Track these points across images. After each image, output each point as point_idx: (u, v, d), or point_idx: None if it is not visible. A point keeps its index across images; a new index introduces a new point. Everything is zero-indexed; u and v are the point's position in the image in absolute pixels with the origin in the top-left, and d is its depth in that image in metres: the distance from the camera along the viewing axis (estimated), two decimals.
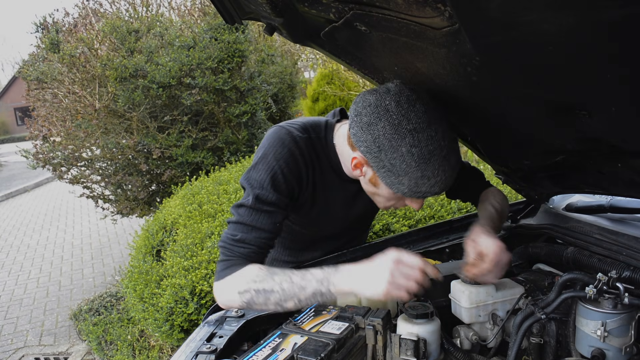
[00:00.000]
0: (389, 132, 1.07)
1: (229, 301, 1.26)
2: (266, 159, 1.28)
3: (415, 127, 1.06)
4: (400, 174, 1.10)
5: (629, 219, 1.42)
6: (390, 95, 1.10)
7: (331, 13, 0.95)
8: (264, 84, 5.83)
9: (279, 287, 1.18)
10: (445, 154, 1.09)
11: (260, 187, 1.26)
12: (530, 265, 1.56)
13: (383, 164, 1.11)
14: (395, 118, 1.07)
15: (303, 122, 1.37)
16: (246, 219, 1.26)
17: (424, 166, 1.08)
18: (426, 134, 1.07)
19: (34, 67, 5.65)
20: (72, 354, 3.98)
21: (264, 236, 1.27)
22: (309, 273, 1.18)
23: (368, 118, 1.10)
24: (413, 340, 1.13)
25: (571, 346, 1.14)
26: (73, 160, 5.25)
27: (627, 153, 1.01)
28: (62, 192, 9.40)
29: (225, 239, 1.27)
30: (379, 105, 1.10)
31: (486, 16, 0.69)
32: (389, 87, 1.13)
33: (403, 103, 1.08)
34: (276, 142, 1.29)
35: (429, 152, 1.07)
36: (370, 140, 1.10)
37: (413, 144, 1.06)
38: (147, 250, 3.39)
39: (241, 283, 1.21)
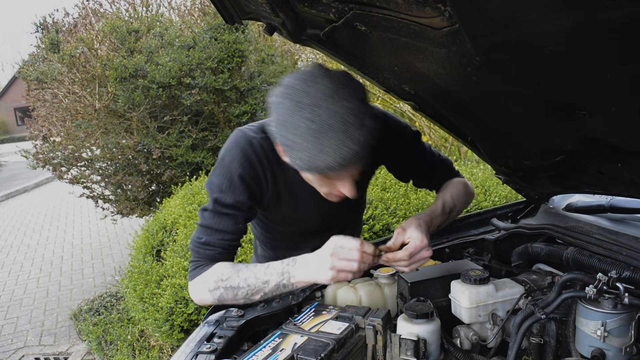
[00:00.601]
0: (291, 108, 1.06)
1: (202, 300, 1.33)
2: (223, 163, 1.32)
3: (315, 101, 1.04)
4: (298, 148, 1.07)
5: (629, 219, 1.42)
6: (299, 73, 1.11)
7: (331, 13, 0.95)
8: (264, 84, 5.83)
9: (245, 283, 1.26)
10: (349, 129, 1.05)
11: (219, 191, 1.31)
12: (530, 265, 1.56)
13: (286, 141, 1.10)
14: (298, 95, 1.06)
15: (261, 123, 1.38)
16: (209, 222, 1.32)
17: (322, 140, 1.04)
18: (326, 109, 1.04)
19: (34, 67, 5.65)
20: (72, 354, 3.98)
21: (227, 238, 1.33)
22: (270, 267, 1.25)
23: (276, 99, 1.11)
24: (413, 340, 1.13)
25: (571, 346, 1.14)
26: (73, 160, 5.25)
27: (627, 153, 1.02)
28: (62, 192, 9.39)
29: (193, 241, 1.34)
30: (287, 86, 1.10)
31: (486, 16, 0.69)
32: (301, 69, 1.14)
33: (308, 80, 1.08)
34: (232, 146, 1.33)
35: (328, 125, 1.04)
36: (276, 120, 1.10)
37: (311, 118, 1.04)
38: (147, 250, 3.39)
39: (210, 282, 1.29)
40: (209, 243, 1.32)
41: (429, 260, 1.60)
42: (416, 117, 5.98)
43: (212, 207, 1.32)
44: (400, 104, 6.06)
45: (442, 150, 5.68)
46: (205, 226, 1.33)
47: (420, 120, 5.85)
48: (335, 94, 1.06)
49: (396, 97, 1.42)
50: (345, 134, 1.05)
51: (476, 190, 3.09)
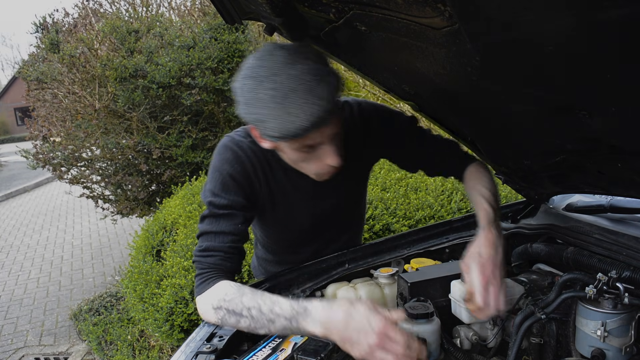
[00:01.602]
0: (250, 85, 1.07)
1: (207, 319, 1.24)
2: (214, 168, 1.32)
3: (272, 71, 1.05)
4: (266, 120, 1.07)
5: (629, 219, 1.42)
6: (256, 53, 1.12)
7: (331, 13, 0.95)
8: None
9: (248, 313, 1.14)
10: (309, 87, 1.05)
11: (213, 195, 1.29)
12: (530, 265, 1.56)
13: (254, 117, 1.10)
14: (255, 70, 1.07)
15: (245, 128, 1.38)
16: (207, 228, 1.28)
17: (285, 103, 1.04)
18: (285, 75, 1.04)
19: (34, 68, 5.65)
20: (72, 354, 3.98)
21: (228, 239, 1.28)
22: (277, 306, 1.10)
23: (237, 83, 1.12)
24: None
25: (571, 346, 1.14)
26: (73, 161, 5.25)
27: (627, 153, 1.01)
28: (62, 192, 9.39)
29: (194, 252, 1.29)
30: (245, 67, 1.11)
31: (486, 16, 0.69)
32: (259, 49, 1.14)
33: (263, 56, 1.09)
34: (221, 150, 1.33)
35: (290, 89, 1.04)
36: (242, 101, 1.11)
37: (271, 87, 1.04)
38: (147, 250, 3.39)
39: (214, 300, 1.20)
40: (209, 248, 1.27)
41: (428, 260, 1.60)
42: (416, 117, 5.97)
43: (208, 212, 1.30)
44: (400, 104, 6.05)
45: None
46: (205, 232, 1.29)
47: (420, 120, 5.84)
48: (290, 59, 1.06)
49: (396, 97, 1.42)
50: (307, 92, 1.05)
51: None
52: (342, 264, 1.56)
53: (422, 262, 1.58)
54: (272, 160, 1.36)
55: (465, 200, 3.04)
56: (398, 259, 1.62)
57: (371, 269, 1.53)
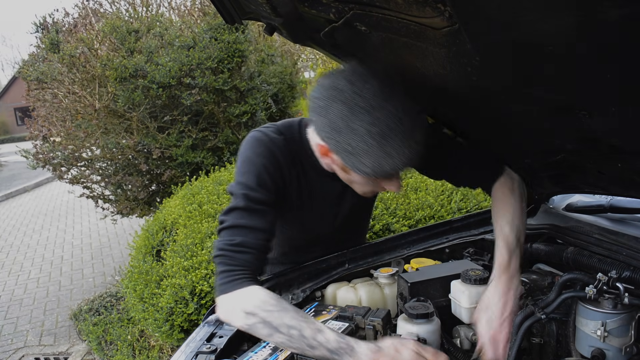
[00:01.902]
0: (344, 112, 1.04)
1: (231, 320, 1.17)
2: (248, 161, 1.28)
3: (371, 104, 1.03)
4: (360, 154, 1.06)
5: (629, 219, 1.42)
6: (343, 74, 1.08)
7: (331, 13, 0.95)
8: (264, 84, 5.83)
9: (287, 332, 1.07)
10: (407, 129, 1.05)
11: (249, 188, 1.24)
12: (530, 265, 1.56)
13: (342, 146, 1.07)
14: (349, 97, 1.04)
15: (277, 125, 1.36)
16: (241, 221, 1.21)
17: (385, 144, 1.04)
18: (384, 111, 1.03)
19: (34, 67, 5.64)
20: (72, 354, 3.98)
21: (262, 237, 1.22)
22: (321, 335, 1.05)
23: (323, 102, 1.08)
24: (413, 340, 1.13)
25: (571, 346, 1.14)
26: (73, 160, 5.25)
27: (627, 153, 1.01)
28: (62, 192, 9.40)
29: (223, 246, 1.19)
30: (332, 87, 1.07)
31: (486, 16, 0.69)
32: (342, 68, 1.11)
33: (355, 81, 1.05)
34: (254, 144, 1.30)
35: (389, 128, 1.03)
36: (327, 124, 1.07)
37: (371, 122, 1.02)
38: (147, 250, 3.39)
39: (249, 304, 1.12)
40: (244, 244, 1.18)
41: (428, 260, 1.60)
42: None
43: (243, 204, 1.22)
44: None
45: None
46: (237, 226, 1.20)
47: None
48: (387, 93, 1.05)
49: None
50: (406, 134, 1.05)
51: (476, 190, 3.09)
52: (342, 264, 1.56)
53: (422, 262, 1.58)
54: (305, 163, 1.35)
55: (465, 200, 3.04)
56: (398, 259, 1.62)
57: (371, 269, 1.53)
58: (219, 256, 1.19)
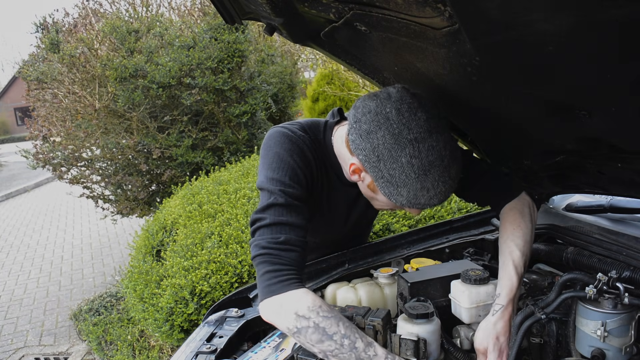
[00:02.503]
0: (389, 141, 1.04)
1: (278, 321, 1.11)
2: (279, 157, 1.23)
3: (416, 136, 1.03)
4: (399, 185, 1.06)
5: (629, 219, 1.42)
6: (391, 102, 1.07)
7: (331, 13, 0.95)
8: (264, 84, 5.83)
9: (340, 340, 1.05)
10: (447, 164, 1.06)
11: (284, 184, 1.19)
12: (530, 265, 1.56)
13: (382, 174, 1.07)
14: (396, 127, 1.04)
15: (301, 123, 1.34)
16: (282, 218, 1.15)
17: (424, 178, 1.05)
18: (427, 144, 1.04)
19: (34, 67, 5.64)
20: (72, 354, 3.98)
21: (303, 234, 1.17)
22: (372, 349, 1.06)
23: (368, 126, 1.07)
24: (413, 340, 1.13)
25: (571, 346, 1.14)
26: (73, 160, 5.25)
27: (627, 153, 1.02)
28: (62, 192, 9.39)
29: (267, 244, 1.13)
30: (379, 113, 1.06)
31: (486, 16, 0.69)
32: (390, 93, 1.09)
33: (404, 111, 1.05)
34: (284, 140, 1.25)
35: (430, 162, 1.04)
36: (369, 149, 1.07)
37: (413, 155, 1.03)
38: (147, 250, 3.39)
39: (302, 307, 1.08)
40: (289, 242, 1.13)
41: (428, 260, 1.60)
42: None
43: (282, 200, 1.16)
44: None
45: None
46: (280, 223, 1.15)
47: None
48: (432, 127, 1.05)
49: None
50: (445, 170, 1.06)
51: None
52: (342, 264, 1.56)
53: (422, 262, 1.58)
54: (328, 166, 1.34)
55: None
56: (398, 259, 1.62)
57: (371, 269, 1.53)
58: (263, 255, 1.13)
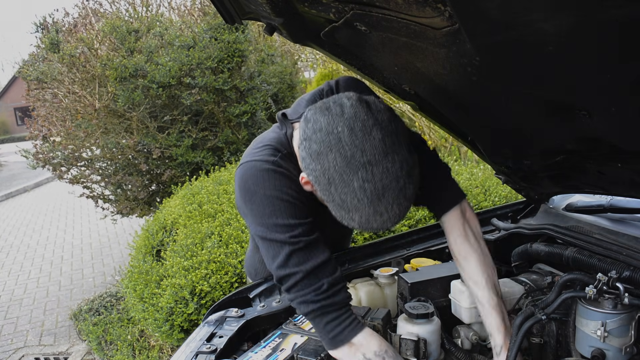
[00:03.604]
0: (340, 164, 0.97)
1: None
2: (269, 200, 1.14)
3: (369, 159, 0.96)
4: (350, 209, 0.99)
5: (629, 219, 1.42)
6: (344, 119, 0.98)
7: (331, 13, 0.95)
8: (264, 84, 5.83)
9: None
10: (402, 186, 0.99)
11: (291, 227, 1.13)
12: (530, 265, 1.56)
13: (333, 197, 1.00)
14: (348, 149, 0.96)
15: (266, 144, 1.22)
16: (311, 263, 1.10)
17: (377, 202, 0.98)
18: (382, 167, 0.96)
19: (34, 67, 5.64)
20: (72, 354, 3.98)
21: (334, 264, 1.13)
22: None
23: (318, 146, 0.99)
24: (413, 340, 1.13)
25: (571, 346, 1.14)
26: (73, 160, 5.25)
27: (627, 153, 1.02)
28: (62, 192, 9.39)
29: (314, 297, 1.09)
30: (331, 132, 0.98)
31: (486, 16, 0.69)
32: (343, 107, 1.00)
33: (357, 131, 0.97)
34: (264, 177, 1.16)
35: (383, 186, 0.97)
36: (320, 170, 1.00)
37: (366, 179, 0.96)
38: (147, 250, 3.39)
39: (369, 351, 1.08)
40: (333, 284, 1.10)
41: (428, 260, 1.60)
42: (416, 117, 5.98)
43: (301, 245, 1.11)
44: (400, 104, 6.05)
45: (442, 150, 5.68)
46: (311, 271, 1.10)
47: (420, 120, 5.84)
48: (388, 147, 0.97)
49: (396, 97, 1.42)
50: (400, 192, 0.99)
51: (476, 190, 3.09)
52: (342, 264, 1.56)
53: (422, 262, 1.58)
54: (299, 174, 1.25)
55: None
56: (398, 259, 1.62)
57: (371, 269, 1.53)
58: (315, 310, 1.10)
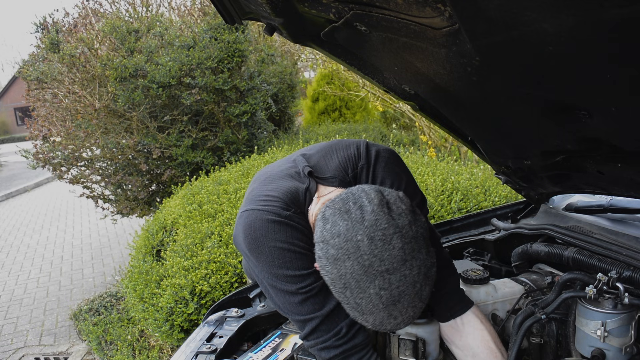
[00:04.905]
0: (358, 272, 0.97)
1: None
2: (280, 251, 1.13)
3: (387, 268, 0.96)
4: (365, 312, 1.00)
5: (629, 219, 1.42)
6: (364, 227, 0.98)
7: (331, 13, 0.95)
8: (264, 84, 5.83)
9: None
10: (418, 290, 0.99)
11: (300, 278, 1.13)
12: (530, 265, 1.56)
13: (347, 300, 1.01)
14: (367, 258, 0.96)
15: (281, 198, 1.19)
16: (325, 309, 1.12)
17: (392, 307, 0.98)
18: (399, 274, 0.96)
19: (34, 67, 5.65)
20: (72, 354, 3.98)
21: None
22: None
23: (336, 252, 0.99)
24: (412, 341, 1.13)
25: (571, 346, 1.14)
26: (73, 160, 5.25)
27: (627, 153, 1.01)
28: (62, 192, 9.40)
29: (335, 342, 1.11)
30: (350, 240, 0.98)
31: (486, 16, 0.69)
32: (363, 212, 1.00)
33: (377, 240, 0.96)
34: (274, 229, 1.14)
35: (400, 293, 0.97)
36: (336, 274, 1.00)
37: (383, 287, 0.96)
38: (147, 250, 3.39)
39: None
40: (353, 324, 1.12)
41: None
42: (416, 117, 5.98)
43: (314, 292, 1.13)
44: (400, 104, 6.05)
45: (442, 150, 5.68)
46: (327, 315, 1.12)
47: (420, 120, 5.85)
48: (407, 254, 0.97)
49: (396, 97, 1.42)
50: (416, 296, 0.99)
51: (476, 190, 3.09)
52: None
53: None
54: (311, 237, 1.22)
55: (465, 200, 3.04)
56: None
57: None
58: (338, 355, 1.12)
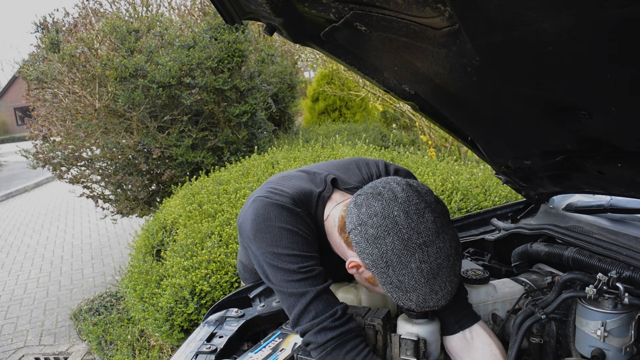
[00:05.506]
0: (398, 247, 1.02)
1: None
2: (288, 231, 1.16)
3: (425, 240, 1.02)
4: (408, 290, 1.04)
5: (629, 219, 1.42)
6: (399, 204, 1.04)
7: (331, 13, 0.95)
8: (264, 84, 5.83)
9: None
10: (452, 263, 1.05)
11: (302, 258, 1.15)
12: (530, 265, 1.56)
13: (390, 279, 1.04)
14: (405, 232, 1.01)
15: (292, 195, 1.23)
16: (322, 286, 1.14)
17: (433, 281, 1.03)
18: (435, 247, 1.02)
19: (34, 67, 5.64)
20: (72, 354, 3.98)
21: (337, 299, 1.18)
22: None
23: (375, 230, 1.04)
24: (413, 340, 1.13)
25: (571, 346, 1.14)
26: (73, 160, 5.25)
27: (627, 153, 1.02)
28: (62, 192, 9.40)
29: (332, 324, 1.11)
30: (387, 217, 1.03)
31: (486, 16, 0.69)
32: (395, 193, 1.06)
33: (412, 214, 1.03)
34: (285, 214, 1.18)
35: (438, 265, 1.02)
36: (377, 254, 1.04)
37: (422, 260, 1.01)
38: (147, 250, 3.39)
39: None
40: (346, 309, 1.15)
41: None
42: (416, 117, 5.98)
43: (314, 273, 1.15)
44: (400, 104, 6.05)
45: (442, 150, 5.68)
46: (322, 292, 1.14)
47: (420, 120, 5.85)
48: (439, 227, 1.04)
49: (396, 97, 1.42)
50: (451, 269, 1.05)
51: (476, 190, 3.09)
52: None
53: None
54: (322, 233, 1.27)
55: (465, 200, 3.04)
56: None
57: None
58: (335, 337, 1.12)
